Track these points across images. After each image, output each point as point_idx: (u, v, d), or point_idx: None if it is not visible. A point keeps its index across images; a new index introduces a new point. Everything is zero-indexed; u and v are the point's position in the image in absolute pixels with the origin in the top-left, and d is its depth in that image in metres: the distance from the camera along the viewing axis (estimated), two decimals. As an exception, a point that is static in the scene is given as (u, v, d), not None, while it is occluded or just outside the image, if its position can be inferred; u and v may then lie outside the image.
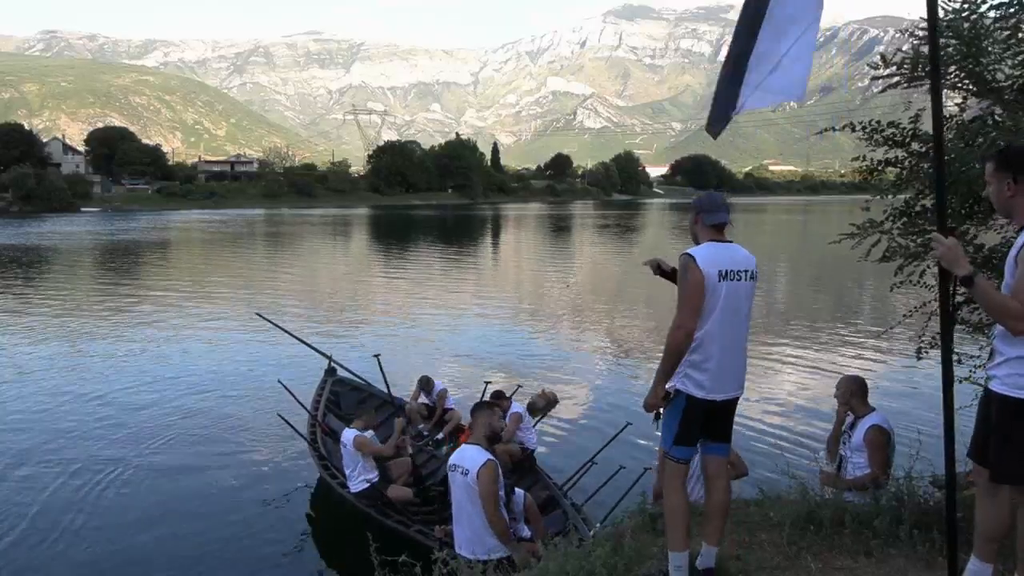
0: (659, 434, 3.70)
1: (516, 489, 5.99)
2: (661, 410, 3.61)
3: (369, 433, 7.33)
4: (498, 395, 8.48)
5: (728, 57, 3.34)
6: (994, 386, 2.84)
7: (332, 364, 10.36)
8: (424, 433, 9.51)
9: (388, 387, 9.82)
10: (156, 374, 13.24)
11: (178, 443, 9.83)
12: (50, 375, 13.12)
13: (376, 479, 7.17)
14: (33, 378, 12.92)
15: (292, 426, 8.47)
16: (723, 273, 3.45)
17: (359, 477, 7.15)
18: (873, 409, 5.15)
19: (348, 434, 7.24)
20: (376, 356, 9.86)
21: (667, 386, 3.53)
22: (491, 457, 5.11)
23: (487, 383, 10.10)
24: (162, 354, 14.88)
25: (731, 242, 3.62)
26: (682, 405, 3.49)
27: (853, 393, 5.18)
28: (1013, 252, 2.81)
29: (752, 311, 3.64)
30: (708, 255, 3.47)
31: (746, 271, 3.54)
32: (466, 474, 5.01)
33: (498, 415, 5.56)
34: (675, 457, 3.53)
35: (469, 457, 5.10)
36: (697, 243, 3.61)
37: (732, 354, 3.51)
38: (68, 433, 10.10)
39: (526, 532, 5.76)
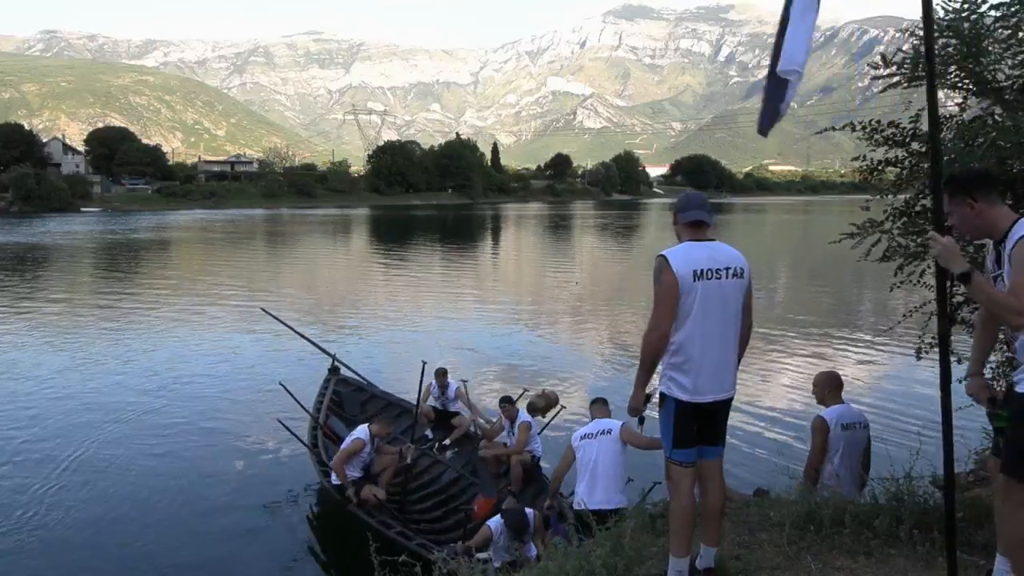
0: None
1: (527, 509, 5.99)
2: (643, 414, 3.63)
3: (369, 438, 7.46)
4: (506, 400, 8.34)
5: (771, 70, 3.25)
6: (1021, 388, 2.87)
7: (335, 363, 10.25)
8: (429, 436, 9.34)
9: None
10: (158, 373, 13.22)
11: (178, 445, 9.79)
12: (45, 377, 13.01)
13: (359, 477, 7.27)
14: (27, 380, 12.81)
15: (292, 431, 8.38)
16: (699, 273, 3.38)
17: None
18: (841, 402, 5.20)
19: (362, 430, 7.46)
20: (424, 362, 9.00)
21: (649, 389, 3.52)
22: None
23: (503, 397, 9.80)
24: (163, 352, 14.85)
25: (712, 240, 3.54)
26: (672, 409, 3.45)
27: (825, 388, 5.26)
28: (1008, 248, 2.84)
29: (743, 309, 3.52)
30: (683, 256, 3.41)
31: (728, 268, 3.45)
32: (609, 432, 5.95)
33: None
34: (678, 461, 3.48)
35: (605, 424, 6.07)
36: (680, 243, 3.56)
37: (716, 355, 3.43)
38: (62, 435, 10.00)
39: (533, 551, 5.69)
